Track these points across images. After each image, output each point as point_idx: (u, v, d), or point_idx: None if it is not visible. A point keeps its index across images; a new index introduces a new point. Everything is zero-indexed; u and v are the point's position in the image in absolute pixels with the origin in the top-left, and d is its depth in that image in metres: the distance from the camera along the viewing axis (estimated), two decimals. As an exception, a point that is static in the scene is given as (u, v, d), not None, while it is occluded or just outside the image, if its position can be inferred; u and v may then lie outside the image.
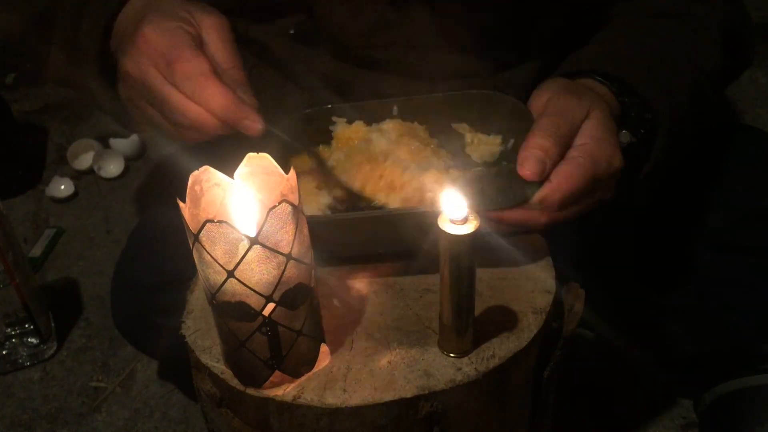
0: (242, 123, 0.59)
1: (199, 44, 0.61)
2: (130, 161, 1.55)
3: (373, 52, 0.77)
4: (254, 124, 0.59)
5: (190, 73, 0.58)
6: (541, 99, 0.62)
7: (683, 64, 0.70)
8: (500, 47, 0.78)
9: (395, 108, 0.68)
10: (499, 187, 0.56)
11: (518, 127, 0.60)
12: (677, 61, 0.70)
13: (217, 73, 0.59)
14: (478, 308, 0.56)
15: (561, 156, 0.57)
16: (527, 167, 0.56)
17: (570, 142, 0.58)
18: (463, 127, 0.68)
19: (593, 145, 0.58)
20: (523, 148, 0.57)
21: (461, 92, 0.68)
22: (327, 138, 0.69)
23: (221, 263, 0.47)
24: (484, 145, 0.67)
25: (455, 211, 0.48)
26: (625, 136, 0.65)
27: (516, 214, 0.58)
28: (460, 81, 0.79)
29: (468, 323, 0.53)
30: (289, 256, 0.48)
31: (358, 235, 0.60)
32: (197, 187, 0.50)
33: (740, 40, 0.77)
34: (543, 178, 0.56)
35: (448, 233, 0.48)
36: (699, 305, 0.85)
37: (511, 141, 0.66)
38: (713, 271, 0.82)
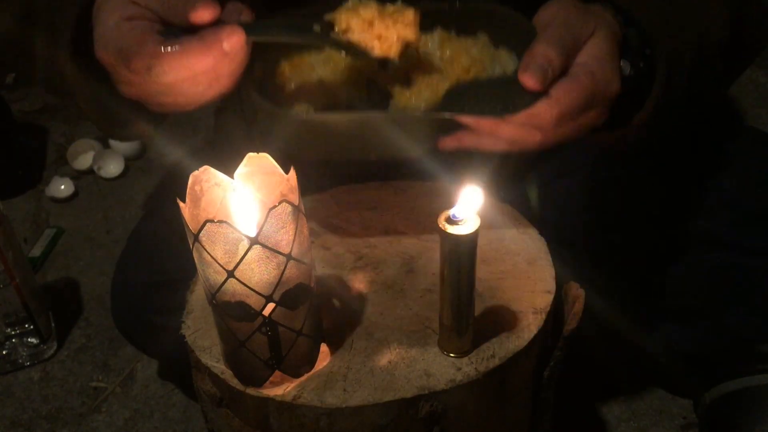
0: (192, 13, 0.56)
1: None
2: (130, 161, 1.54)
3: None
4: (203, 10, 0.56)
5: (148, 65, 0.56)
6: (547, 12, 0.60)
7: (690, 16, 0.69)
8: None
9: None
10: (496, 95, 0.55)
11: (522, 44, 0.58)
12: (684, 12, 0.69)
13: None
14: (478, 308, 0.56)
15: (563, 69, 0.56)
16: (529, 74, 0.54)
17: (573, 57, 0.57)
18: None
19: (595, 64, 0.57)
20: (526, 56, 0.56)
21: (469, 4, 0.65)
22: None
23: (221, 263, 0.47)
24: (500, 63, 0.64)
25: (455, 210, 0.48)
26: (625, 66, 0.63)
27: (511, 128, 0.57)
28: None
29: (468, 323, 0.53)
30: (289, 256, 0.48)
31: (351, 137, 0.59)
32: (197, 187, 0.50)
33: (749, 21, 0.75)
34: (544, 88, 0.55)
35: (448, 233, 0.48)
36: (699, 305, 0.85)
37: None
38: (713, 271, 0.82)
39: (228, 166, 0.52)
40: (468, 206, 0.48)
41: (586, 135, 0.61)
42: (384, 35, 0.59)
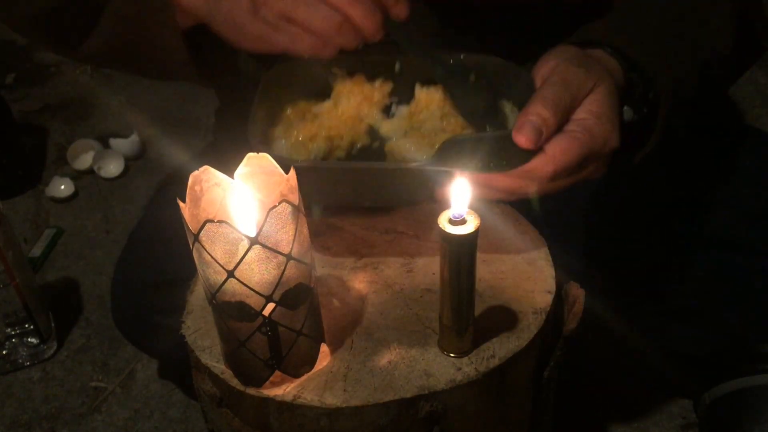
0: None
1: None
2: (130, 161, 1.54)
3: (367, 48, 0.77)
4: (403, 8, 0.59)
5: None
6: (547, 65, 0.60)
7: (694, 44, 0.69)
8: (504, 51, 0.77)
9: (398, 65, 0.67)
10: (492, 151, 0.56)
11: (525, 97, 0.59)
12: (689, 40, 0.68)
13: None
14: (478, 308, 0.56)
15: (559, 127, 0.57)
16: (523, 134, 0.55)
17: (570, 115, 0.57)
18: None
19: (593, 121, 0.57)
20: (521, 115, 0.56)
21: (472, 56, 0.66)
22: (322, 89, 0.68)
23: (221, 263, 0.47)
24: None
25: (455, 210, 0.48)
26: (627, 112, 0.63)
27: (506, 181, 0.57)
28: None
29: (468, 323, 0.53)
30: (289, 256, 0.48)
31: (347, 186, 0.60)
32: (197, 187, 0.50)
33: (752, 25, 0.76)
34: (538, 147, 0.56)
35: (448, 233, 0.48)
36: (699, 305, 0.85)
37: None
38: (713, 271, 0.82)
39: (228, 166, 0.52)
40: (461, 200, 0.48)
41: (582, 184, 0.61)
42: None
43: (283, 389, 0.53)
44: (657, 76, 0.64)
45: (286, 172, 0.50)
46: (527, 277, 0.61)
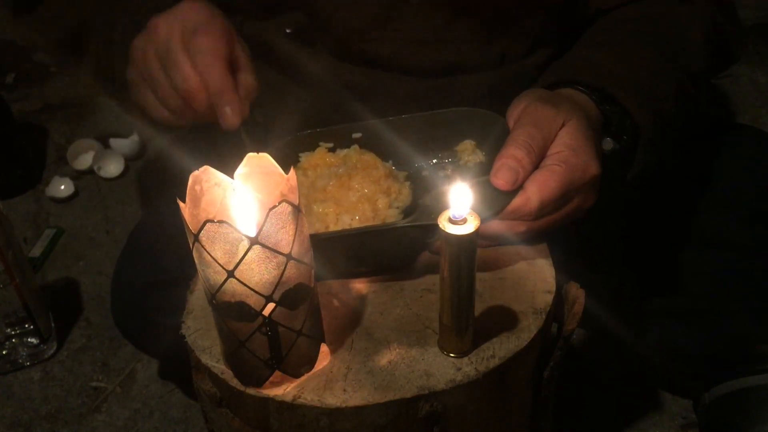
0: (223, 109, 0.59)
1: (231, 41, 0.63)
2: (130, 161, 1.55)
3: (371, 48, 0.77)
4: (233, 117, 0.59)
5: (207, 47, 0.60)
6: (517, 109, 0.62)
7: (666, 69, 0.71)
8: (501, 41, 0.77)
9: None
10: (477, 197, 0.57)
11: (500, 143, 0.61)
12: (660, 65, 0.71)
13: (230, 61, 0.61)
14: (478, 308, 0.56)
15: (534, 165, 0.58)
16: (500, 176, 0.57)
17: (544, 152, 0.59)
18: (466, 144, 0.68)
19: (568, 153, 0.58)
20: (496, 159, 0.58)
21: (444, 111, 0.68)
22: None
23: (221, 263, 0.47)
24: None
25: (455, 210, 0.48)
26: (608, 143, 0.66)
27: (493, 226, 0.59)
28: (460, 76, 0.79)
29: (468, 323, 0.53)
30: (289, 256, 0.48)
31: (342, 253, 0.60)
32: (197, 187, 0.50)
33: (726, 38, 0.77)
34: (516, 187, 0.57)
35: (448, 233, 0.48)
36: (699, 305, 0.85)
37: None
38: (712, 271, 0.82)
39: (228, 166, 0.52)
40: (461, 203, 0.48)
41: (580, 218, 0.63)
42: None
43: (283, 389, 0.53)
44: (630, 104, 0.65)
45: None
46: (527, 277, 0.61)
